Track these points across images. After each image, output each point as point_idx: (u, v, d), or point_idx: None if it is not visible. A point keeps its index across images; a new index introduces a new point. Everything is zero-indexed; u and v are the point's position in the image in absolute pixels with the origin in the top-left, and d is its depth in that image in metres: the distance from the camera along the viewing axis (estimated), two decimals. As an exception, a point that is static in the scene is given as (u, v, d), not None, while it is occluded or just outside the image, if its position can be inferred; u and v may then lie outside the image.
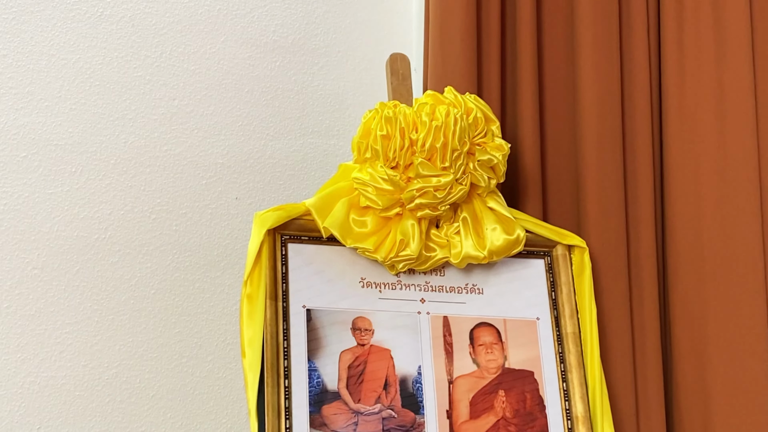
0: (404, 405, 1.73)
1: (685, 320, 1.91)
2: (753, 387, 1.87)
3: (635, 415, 1.86)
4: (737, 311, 1.89)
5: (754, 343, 1.88)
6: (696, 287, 1.91)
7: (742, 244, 1.91)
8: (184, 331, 1.98)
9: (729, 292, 1.90)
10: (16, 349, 1.89)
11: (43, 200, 1.94)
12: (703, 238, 1.92)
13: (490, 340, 1.80)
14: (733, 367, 1.88)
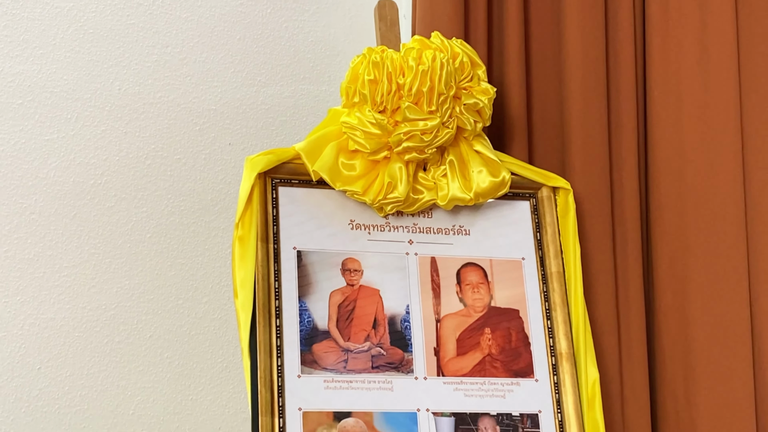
0: (393, 343, 1.75)
1: (666, 258, 1.92)
2: (732, 319, 1.89)
3: (618, 352, 1.88)
4: (717, 249, 1.90)
5: (733, 277, 1.90)
6: (677, 226, 1.92)
7: (723, 184, 1.92)
8: (180, 273, 2.00)
9: (709, 231, 1.91)
10: (16, 291, 1.90)
11: (39, 146, 1.94)
12: (685, 179, 1.93)
13: (476, 280, 1.81)
14: (713, 300, 1.89)
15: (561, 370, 1.77)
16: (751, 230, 1.92)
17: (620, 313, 1.89)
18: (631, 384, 1.87)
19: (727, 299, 1.89)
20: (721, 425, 1.86)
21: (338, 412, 1.69)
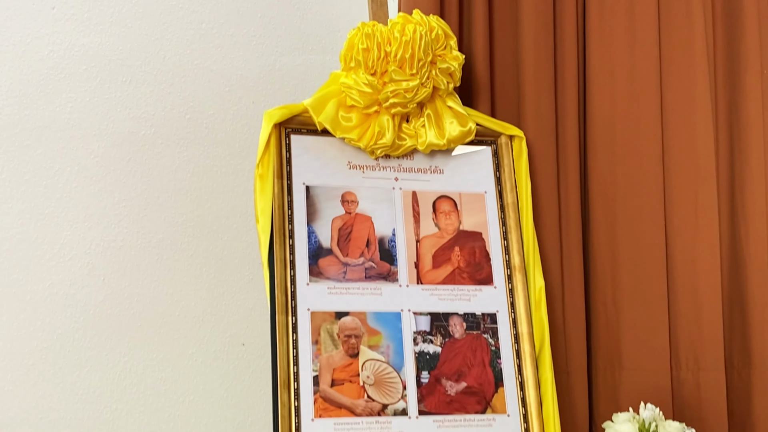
0: (382, 258, 1.79)
1: (599, 190, 1.95)
2: (651, 236, 1.93)
3: (560, 265, 1.92)
4: (639, 182, 1.94)
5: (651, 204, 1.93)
6: (609, 165, 1.95)
7: (645, 130, 1.94)
8: (215, 205, 2.03)
9: (634, 168, 1.94)
10: (84, 219, 1.94)
11: (101, 103, 1.97)
12: (615, 126, 1.95)
13: (448, 209, 1.84)
14: (636, 222, 1.93)
15: (514, 279, 1.82)
16: (666, 166, 1.94)
17: (562, 235, 1.93)
18: (570, 290, 1.91)
19: (647, 220, 1.92)
20: (641, 323, 1.90)
21: (339, 312, 1.73)
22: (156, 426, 1.95)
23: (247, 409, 2.00)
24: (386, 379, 1.73)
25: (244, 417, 1.99)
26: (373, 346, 1.74)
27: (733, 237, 1.97)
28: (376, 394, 1.72)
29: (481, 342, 1.78)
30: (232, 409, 1.99)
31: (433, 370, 1.75)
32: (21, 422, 1.87)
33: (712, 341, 1.90)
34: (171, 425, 1.95)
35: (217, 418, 1.98)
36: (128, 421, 1.93)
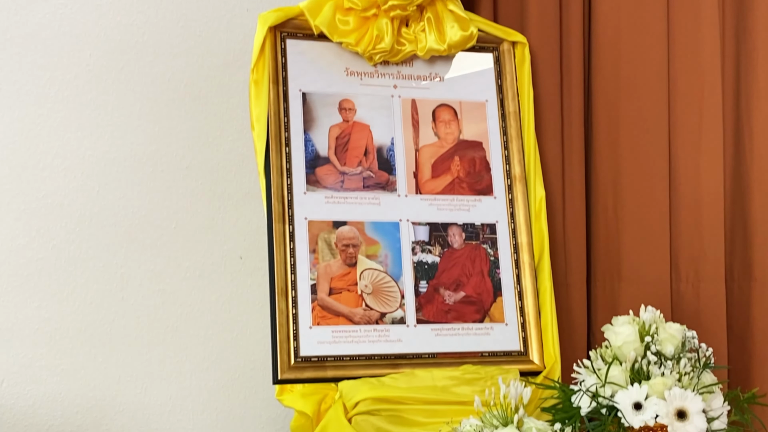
0: (380, 167, 1.76)
1: (603, 101, 1.91)
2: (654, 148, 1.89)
3: (561, 175, 1.90)
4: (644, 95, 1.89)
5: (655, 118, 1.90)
6: (613, 75, 1.91)
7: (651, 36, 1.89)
8: (210, 114, 1.98)
9: (638, 80, 1.90)
10: (76, 129, 1.90)
11: (92, 10, 1.92)
12: (620, 32, 1.90)
13: (448, 118, 1.81)
14: (638, 134, 1.89)
15: (515, 190, 1.79)
16: (672, 76, 1.90)
17: (564, 145, 1.90)
18: (571, 201, 1.89)
19: (651, 131, 1.89)
20: (642, 234, 1.88)
21: (336, 221, 1.71)
22: (154, 338, 1.94)
23: (245, 322, 1.99)
24: (384, 288, 1.72)
25: (242, 330, 1.99)
26: (371, 256, 1.72)
27: (737, 149, 1.93)
28: (374, 303, 1.70)
29: (480, 252, 1.76)
30: (230, 322, 1.98)
31: (432, 279, 1.73)
32: (17, 334, 1.86)
33: (713, 253, 1.89)
34: (169, 337, 1.95)
35: (216, 331, 1.97)
36: (126, 333, 1.92)
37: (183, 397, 1.95)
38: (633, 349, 1.38)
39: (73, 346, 1.90)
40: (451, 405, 1.59)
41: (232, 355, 1.98)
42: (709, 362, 1.38)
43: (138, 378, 1.93)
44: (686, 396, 1.32)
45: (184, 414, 1.94)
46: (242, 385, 1.98)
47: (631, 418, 1.33)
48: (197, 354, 1.96)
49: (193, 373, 1.96)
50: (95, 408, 1.90)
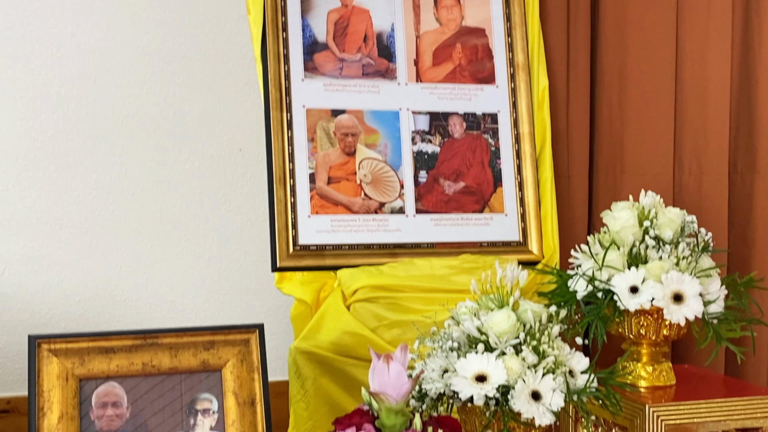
0: (380, 54, 1.71)
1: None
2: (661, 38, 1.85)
3: (566, 64, 1.85)
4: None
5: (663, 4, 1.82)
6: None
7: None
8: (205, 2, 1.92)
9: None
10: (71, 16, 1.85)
11: None
12: None
13: (450, 3, 1.76)
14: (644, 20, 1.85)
15: (517, 78, 1.75)
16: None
17: (569, 32, 1.84)
18: (575, 91, 1.85)
19: (659, 22, 1.84)
20: (646, 127, 1.85)
21: (335, 110, 1.68)
22: (154, 229, 1.93)
23: (245, 214, 1.98)
24: (384, 178, 1.70)
25: (243, 221, 1.98)
26: (371, 145, 1.70)
27: (744, 42, 1.88)
28: (374, 193, 1.69)
29: (481, 142, 1.74)
30: (230, 213, 1.97)
31: (432, 169, 1.71)
32: (17, 224, 1.86)
33: (716, 147, 1.86)
34: (169, 228, 1.94)
35: (216, 222, 1.97)
36: (125, 223, 1.92)
37: (184, 287, 1.96)
38: (631, 233, 1.36)
39: (73, 237, 1.90)
40: (449, 293, 1.59)
41: (232, 247, 1.98)
42: (708, 246, 1.37)
43: (139, 268, 1.93)
44: (683, 279, 1.31)
45: (185, 304, 1.95)
46: (242, 276, 1.98)
47: (627, 302, 1.32)
48: (198, 245, 1.96)
49: (194, 264, 1.96)
50: (97, 297, 1.92)
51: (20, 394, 1.88)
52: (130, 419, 1.09)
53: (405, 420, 1.10)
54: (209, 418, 1.12)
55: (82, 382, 1.08)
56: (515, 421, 1.23)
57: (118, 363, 1.10)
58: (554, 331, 1.27)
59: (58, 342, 1.09)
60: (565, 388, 1.22)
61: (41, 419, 1.05)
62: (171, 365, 1.12)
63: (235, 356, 1.15)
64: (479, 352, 1.26)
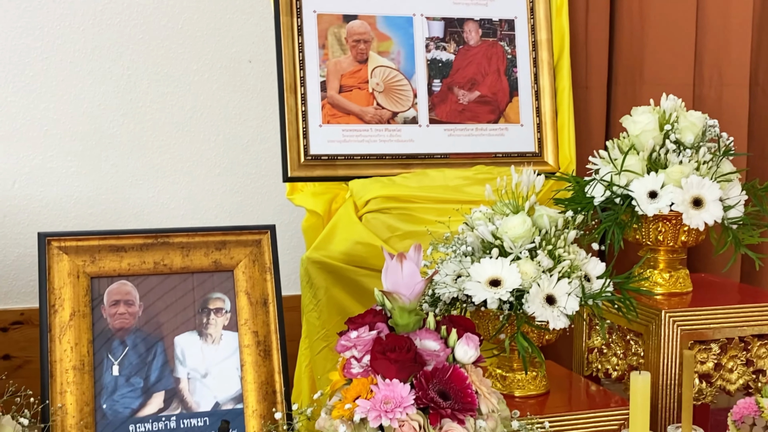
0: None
1: None
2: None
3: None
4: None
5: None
6: None
7: None
8: None
9: None
10: None
11: None
12: None
13: None
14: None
15: (535, -17, 1.69)
16: None
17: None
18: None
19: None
20: (666, 37, 1.80)
21: (347, 15, 1.64)
22: (165, 142, 1.91)
23: (256, 127, 1.95)
24: (396, 87, 1.66)
25: (253, 134, 1.95)
26: (383, 53, 1.65)
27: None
28: (386, 102, 1.65)
29: (497, 50, 1.69)
30: (241, 125, 1.94)
31: (446, 78, 1.67)
32: (26, 135, 1.84)
33: (738, 58, 1.81)
34: (180, 141, 1.92)
35: (227, 136, 1.94)
36: (135, 135, 1.89)
37: (196, 200, 1.94)
38: (651, 137, 1.33)
39: (83, 148, 1.87)
40: (462, 204, 1.57)
41: (243, 160, 1.95)
42: (730, 150, 1.33)
43: (150, 181, 1.91)
44: (703, 184, 1.28)
45: (196, 217, 1.94)
46: (253, 190, 1.97)
47: (645, 207, 1.30)
48: (209, 159, 1.94)
49: (206, 178, 1.94)
50: (108, 210, 1.90)
51: (33, 306, 1.88)
52: (142, 317, 1.08)
53: (418, 320, 1.09)
54: (222, 317, 1.11)
55: (93, 280, 1.07)
56: (529, 325, 1.21)
57: (130, 261, 1.09)
58: (570, 236, 1.25)
59: (69, 240, 1.08)
60: (580, 293, 1.21)
61: (53, 316, 1.05)
62: (183, 265, 1.11)
63: (247, 257, 1.14)
64: (493, 256, 1.24)
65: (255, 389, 1.09)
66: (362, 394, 1.03)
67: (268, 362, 1.10)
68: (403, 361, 1.03)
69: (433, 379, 1.03)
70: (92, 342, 1.05)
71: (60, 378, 1.03)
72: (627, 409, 1.23)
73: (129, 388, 1.06)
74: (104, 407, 1.04)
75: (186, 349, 1.09)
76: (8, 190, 1.84)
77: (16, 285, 1.88)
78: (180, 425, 1.06)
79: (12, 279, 1.88)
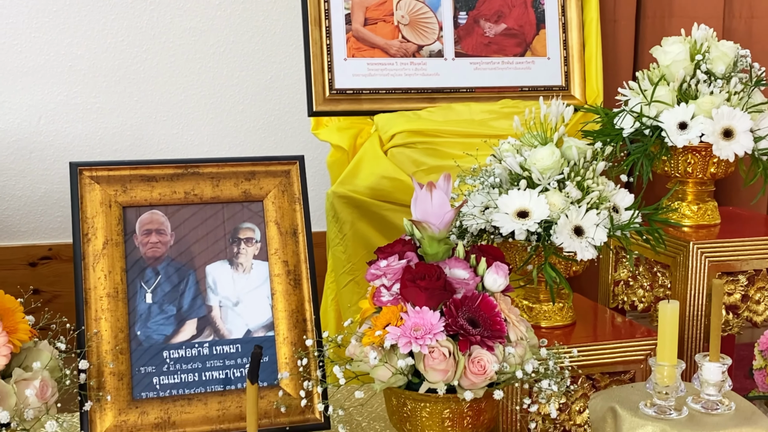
0: None
1: None
2: None
3: None
4: None
5: None
6: None
7: None
8: None
9: None
10: None
11: None
12: None
13: None
14: None
15: None
16: None
17: None
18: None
19: None
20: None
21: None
22: (188, 78, 1.90)
23: (279, 62, 1.94)
24: (422, 20, 1.64)
25: (277, 70, 1.94)
26: (409, -15, 1.63)
27: None
28: (411, 35, 1.63)
29: (524, -19, 1.66)
30: (264, 61, 1.93)
31: (472, 10, 1.65)
32: (50, 71, 1.83)
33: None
34: (203, 78, 1.91)
35: (250, 72, 1.93)
36: (158, 71, 1.89)
37: (220, 137, 1.94)
38: (682, 68, 1.30)
39: (107, 85, 1.87)
40: (488, 138, 1.55)
41: (266, 97, 1.94)
42: (762, 80, 1.31)
43: (174, 118, 1.91)
44: (734, 115, 1.26)
45: (220, 154, 1.94)
46: (277, 126, 1.96)
47: (675, 138, 1.28)
48: (232, 95, 1.93)
49: (230, 114, 1.94)
50: (134, 146, 1.91)
51: (61, 241, 1.90)
52: (174, 246, 1.09)
53: (447, 249, 1.09)
54: (252, 247, 1.11)
55: (125, 210, 1.08)
56: (557, 256, 1.21)
57: (161, 191, 1.09)
58: (599, 167, 1.24)
59: (100, 170, 1.08)
60: (608, 224, 1.20)
61: (86, 245, 1.05)
62: (213, 195, 1.11)
63: (276, 187, 1.14)
64: (521, 188, 1.24)
65: (285, 317, 1.10)
66: (392, 321, 1.04)
67: (298, 291, 1.11)
68: (432, 288, 1.03)
69: (463, 307, 1.04)
70: (125, 270, 1.06)
71: (95, 305, 1.04)
72: (653, 340, 1.24)
73: (162, 315, 1.07)
74: (138, 334, 1.06)
75: (217, 278, 1.10)
76: (34, 126, 1.85)
77: (44, 220, 1.90)
78: (213, 351, 1.08)
79: (40, 215, 1.89)
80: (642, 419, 1.06)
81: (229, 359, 1.08)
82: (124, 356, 1.04)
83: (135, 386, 1.04)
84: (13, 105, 1.83)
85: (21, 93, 1.82)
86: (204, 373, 1.06)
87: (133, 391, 1.04)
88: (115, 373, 1.03)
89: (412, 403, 1.04)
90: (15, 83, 1.81)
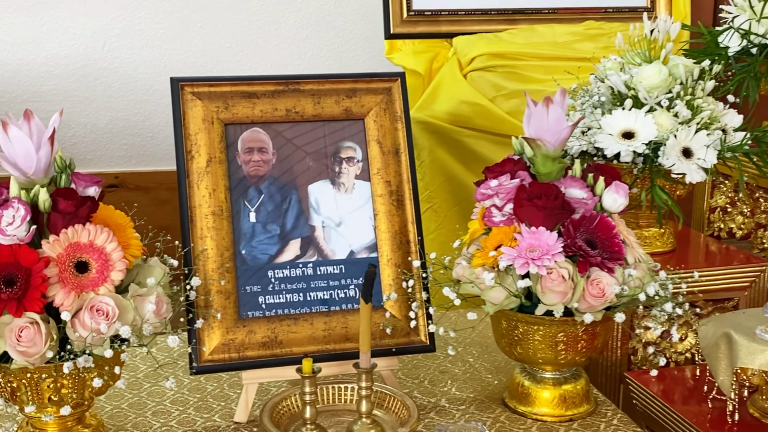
0: None
1: None
2: None
3: None
4: None
5: None
6: None
7: None
8: None
9: None
10: None
11: None
12: None
13: None
14: None
15: None
16: None
17: None
18: None
19: None
20: None
21: None
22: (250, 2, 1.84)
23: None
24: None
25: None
26: None
27: None
28: (493, -46, 1.56)
29: None
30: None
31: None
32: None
33: None
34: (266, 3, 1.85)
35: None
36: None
37: (284, 63, 1.89)
38: (795, -19, 1.24)
39: (171, 11, 1.82)
40: (571, 61, 1.50)
41: (331, 23, 1.88)
42: None
43: (238, 45, 1.86)
44: None
45: (286, 81, 1.89)
46: (341, 53, 1.91)
47: (786, 56, 1.22)
48: (296, 21, 1.87)
49: (293, 40, 1.88)
50: (197, 74, 1.86)
51: (127, 170, 1.87)
52: (277, 165, 1.05)
53: (561, 167, 1.04)
54: (354, 167, 1.07)
55: (227, 127, 1.04)
56: (664, 179, 1.17)
57: (262, 108, 1.04)
58: (708, 86, 1.18)
59: (201, 86, 1.03)
60: (719, 145, 1.15)
61: (190, 162, 1.02)
62: (314, 112, 1.06)
63: (378, 105, 1.09)
64: (627, 108, 1.18)
65: (389, 238, 1.06)
66: (504, 242, 0.99)
67: (401, 212, 1.07)
68: (551, 208, 0.99)
69: (580, 228, 1.00)
70: (229, 189, 1.02)
71: (200, 223, 1.00)
72: (758, 267, 1.19)
73: (266, 234, 1.03)
74: (243, 253, 1.02)
75: (320, 197, 1.06)
76: (98, 52, 1.80)
77: (110, 149, 1.86)
78: (317, 272, 1.04)
79: (105, 143, 1.86)
80: (761, 344, 1.02)
81: (333, 280, 1.04)
82: (230, 275, 1.01)
83: (242, 306, 1.01)
84: (77, 31, 1.77)
85: (85, 19, 1.77)
86: (309, 294, 1.03)
87: (239, 311, 1.01)
88: (222, 292, 1.00)
89: (524, 326, 1.01)
90: (79, 9, 1.76)
